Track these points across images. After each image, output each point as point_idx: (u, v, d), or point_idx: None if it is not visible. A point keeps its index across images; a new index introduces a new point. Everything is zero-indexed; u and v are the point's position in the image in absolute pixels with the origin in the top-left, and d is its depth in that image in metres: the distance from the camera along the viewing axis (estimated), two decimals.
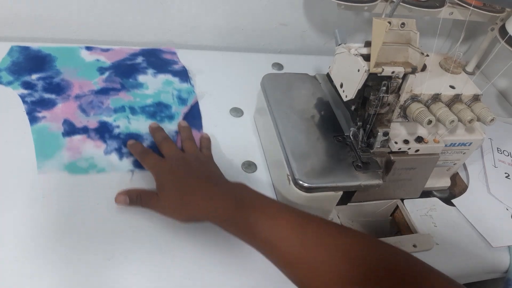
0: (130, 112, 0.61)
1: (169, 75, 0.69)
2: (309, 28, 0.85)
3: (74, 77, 0.65)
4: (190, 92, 0.67)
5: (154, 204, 0.48)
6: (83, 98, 0.61)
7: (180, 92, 0.66)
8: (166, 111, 0.62)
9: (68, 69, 0.66)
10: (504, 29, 0.73)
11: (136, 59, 0.71)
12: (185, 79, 0.69)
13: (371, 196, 0.56)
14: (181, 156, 0.52)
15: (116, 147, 0.56)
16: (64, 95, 0.61)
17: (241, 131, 0.64)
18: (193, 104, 0.66)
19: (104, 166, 0.54)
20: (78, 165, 0.53)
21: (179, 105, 0.64)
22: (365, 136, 0.51)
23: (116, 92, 0.63)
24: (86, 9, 0.72)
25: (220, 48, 0.83)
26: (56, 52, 0.68)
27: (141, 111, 0.62)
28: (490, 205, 0.61)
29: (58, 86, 0.63)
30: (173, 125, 0.61)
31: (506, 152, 0.70)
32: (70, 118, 0.58)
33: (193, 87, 0.69)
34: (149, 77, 0.68)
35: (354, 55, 0.47)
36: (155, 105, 0.63)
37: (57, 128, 0.57)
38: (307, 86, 0.61)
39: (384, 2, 0.69)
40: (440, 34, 0.92)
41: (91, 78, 0.65)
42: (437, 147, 0.53)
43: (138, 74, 0.68)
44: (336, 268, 0.38)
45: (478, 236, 0.57)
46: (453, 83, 0.53)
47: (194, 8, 0.76)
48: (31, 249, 0.44)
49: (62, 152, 0.54)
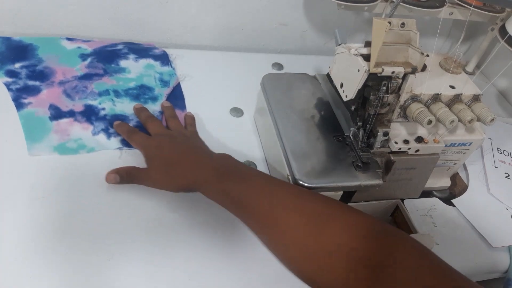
0: (114, 95, 0.62)
1: (150, 59, 0.71)
2: (309, 28, 0.85)
3: (57, 64, 0.65)
4: (172, 74, 0.69)
5: (144, 178, 0.51)
6: (67, 83, 0.62)
7: (162, 75, 0.68)
8: (149, 93, 0.65)
9: (50, 57, 0.66)
10: (504, 29, 0.73)
11: (117, 46, 0.72)
12: (166, 63, 0.71)
13: (371, 196, 0.56)
14: (167, 133, 0.55)
15: (103, 127, 0.58)
16: (48, 82, 0.62)
17: (241, 131, 0.64)
18: (175, 85, 0.68)
19: (94, 146, 0.55)
20: (67, 146, 0.54)
21: (161, 87, 0.66)
22: (365, 136, 0.51)
23: (99, 77, 0.65)
24: (86, 9, 0.72)
25: (220, 48, 0.83)
26: (37, 42, 0.69)
27: (125, 94, 0.63)
28: (490, 205, 0.61)
29: (42, 73, 0.63)
30: (156, 106, 0.63)
31: (506, 152, 0.70)
32: (55, 103, 0.59)
33: (174, 69, 0.71)
34: (130, 62, 0.69)
35: (354, 55, 0.47)
36: (138, 88, 0.65)
37: (44, 113, 0.58)
38: (307, 86, 0.61)
39: (384, 2, 0.69)
40: (440, 34, 0.92)
41: (74, 65, 0.66)
42: (437, 147, 0.53)
43: (119, 59, 0.69)
44: (302, 229, 0.39)
45: (478, 236, 0.57)
46: (453, 83, 0.53)
47: (194, 8, 0.76)
48: (31, 249, 0.44)
49: (51, 135, 0.55)
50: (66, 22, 0.73)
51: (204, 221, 0.50)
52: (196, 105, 0.67)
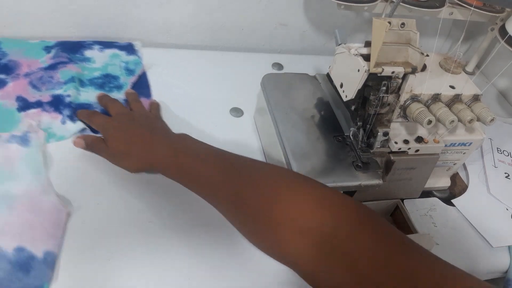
0: (79, 83, 0.62)
1: (115, 50, 0.71)
2: (309, 28, 0.85)
3: (22, 57, 0.65)
4: (138, 63, 0.69)
5: (103, 151, 0.51)
6: (33, 75, 0.62)
7: (127, 64, 0.69)
8: (115, 81, 0.65)
9: (14, 50, 0.66)
10: (504, 29, 0.73)
11: (82, 39, 0.72)
12: (132, 52, 0.71)
13: (371, 196, 0.56)
14: (127, 112, 0.56)
15: (68, 114, 0.58)
16: (13, 75, 0.62)
17: (241, 131, 0.64)
18: (141, 74, 0.69)
19: (64, 134, 0.56)
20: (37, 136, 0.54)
21: (126, 75, 0.67)
22: (365, 136, 0.51)
23: (64, 64, 0.65)
24: (86, 9, 0.72)
25: (220, 48, 0.83)
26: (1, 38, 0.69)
27: (90, 83, 0.64)
28: (490, 205, 0.61)
29: (6, 66, 0.63)
30: (121, 94, 0.63)
31: (506, 152, 0.70)
32: (22, 94, 0.59)
33: (140, 58, 0.71)
34: (95, 52, 0.70)
35: (354, 55, 0.47)
36: (103, 76, 0.65)
37: (11, 105, 0.58)
38: (307, 86, 0.61)
39: (384, 2, 0.69)
40: (440, 34, 0.92)
41: (39, 57, 0.66)
42: (437, 147, 0.53)
43: (84, 50, 0.70)
44: (256, 199, 0.39)
45: (478, 236, 0.57)
46: (453, 83, 0.53)
47: (194, 8, 0.76)
48: None
49: (20, 126, 0.55)
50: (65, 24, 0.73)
51: (204, 221, 0.50)
52: (196, 105, 0.67)
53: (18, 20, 0.70)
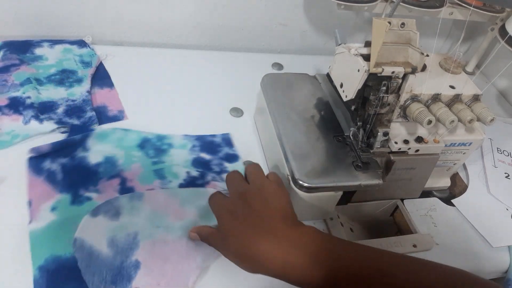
0: (37, 83, 0.62)
1: (66, 44, 0.71)
2: (309, 28, 0.85)
3: None
4: (92, 54, 0.69)
5: (219, 246, 0.43)
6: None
7: (81, 57, 0.69)
8: (73, 76, 0.65)
9: None
10: (504, 29, 0.73)
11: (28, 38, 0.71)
12: (83, 45, 0.71)
13: (371, 196, 0.56)
14: (243, 190, 0.45)
15: (33, 114, 0.57)
16: None
17: (241, 131, 0.64)
18: (97, 65, 0.68)
19: (28, 133, 0.55)
20: (1, 140, 0.54)
21: (84, 68, 0.67)
22: (365, 136, 0.51)
23: (17, 67, 0.64)
24: (86, 9, 0.72)
25: (220, 48, 0.83)
26: None
27: (48, 80, 0.64)
28: (490, 205, 0.61)
29: None
30: (83, 87, 0.63)
31: (506, 152, 0.70)
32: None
33: (93, 50, 0.71)
34: (45, 49, 0.69)
35: (354, 55, 0.47)
36: (59, 72, 0.65)
37: None
38: (307, 86, 0.61)
39: (384, 2, 0.69)
40: (440, 34, 0.92)
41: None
42: (437, 147, 0.53)
43: (33, 48, 0.69)
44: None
45: (478, 236, 0.57)
46: (453, 83, 0.53)
47: (194, 8, 0.76)
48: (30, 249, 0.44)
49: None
50: (66, 24, 0.73)
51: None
52: (196, 105, 0.67)
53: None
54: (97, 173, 0.52)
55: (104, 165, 0.52)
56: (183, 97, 0.68)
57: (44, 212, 0.46)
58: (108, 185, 0.50)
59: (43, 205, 0.47)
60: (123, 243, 0.44)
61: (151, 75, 0.70)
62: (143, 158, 0.55)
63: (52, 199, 0.48)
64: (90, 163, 0.52)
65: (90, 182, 0.50)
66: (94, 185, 0.50)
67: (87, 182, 0.50)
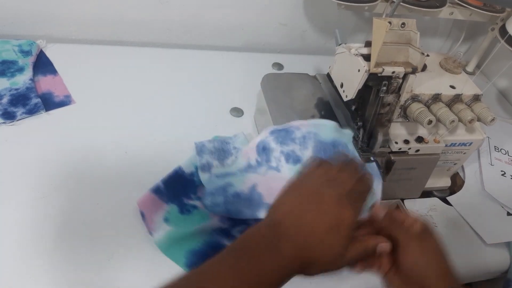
0: None
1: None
2: (309, 28, 0.85)
3: None
4: (31, 43, 0.69)
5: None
6: None
7: (20, 46, 0.68)
8: (14, 66, 0.65)
9: None
10: (504, 29, 0.73)
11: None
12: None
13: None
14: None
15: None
16: None
17: (241, 131, 0.64)
18: (38, 53, 0.68)
19: None
20: None
21: (24, 57, 0.67)
22: (365, 136, 0.51)
23: None
24: (84, 9, 0.72)
25: (220, 48, 0.83)
26: None
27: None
28: (485, 202, 0.61)
29: None
30: (25, 76, 0.63)
31: (503, 150, 0.70)
32: None
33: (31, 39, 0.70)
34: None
35: (354, 55, 0.47)
36: (0, 64, 0.65)
37: None
38: (307, 86, 0.61)
39: (385, 2, 0.69)
40: (440, 34, 0.92)
41: None
42: (438, 147, 0.53)
43: None
44: None
45: (478, 236, 0.57)
46: (453, 83, 0.53)
47: (194, 8, 0.76)
48: (31, 249, 0.44)
49: None
50: (65, 24, 0.73)
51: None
52: (196, 105, 0.67)
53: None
54: (193, 182, 0.53)
55: (197, 175, 0.54)
56: (183, 97, 0.68)
57: (159, 224, 0.49)
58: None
59: (156, 217, 0.49)
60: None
61: (151, 75, 0.70)
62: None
63: (162, 210, 0.50)
64: (185, 173, 0.54)
65: (190, 190, 0.53)
66: (193, 193, 0.52)
67: (188, 191, 0.52)
